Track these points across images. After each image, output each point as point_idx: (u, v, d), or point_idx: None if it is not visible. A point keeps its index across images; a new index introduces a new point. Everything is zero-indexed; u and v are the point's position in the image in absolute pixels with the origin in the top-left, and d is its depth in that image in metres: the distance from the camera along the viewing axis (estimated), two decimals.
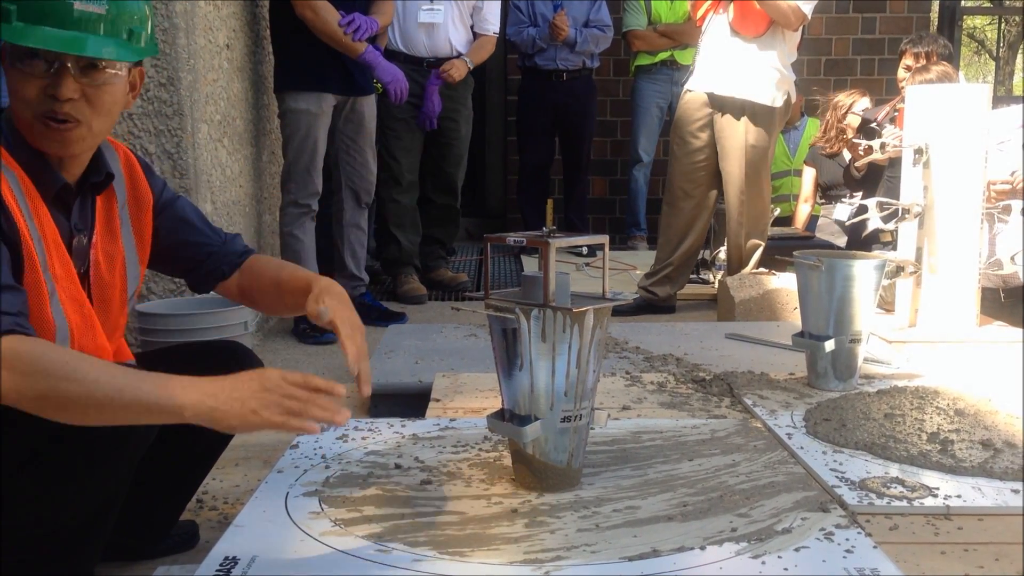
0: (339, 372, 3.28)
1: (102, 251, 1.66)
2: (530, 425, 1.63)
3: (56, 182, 1.57)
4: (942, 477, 1.79)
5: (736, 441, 2.01)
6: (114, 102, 1.58)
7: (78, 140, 1.55)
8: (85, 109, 1.53)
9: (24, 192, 1.51)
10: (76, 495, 1.50)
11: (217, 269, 1.83)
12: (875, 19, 6.79)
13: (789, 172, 5.72)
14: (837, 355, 2.40)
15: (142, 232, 1.76)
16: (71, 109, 1.51)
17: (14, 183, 1.49)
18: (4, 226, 1.44)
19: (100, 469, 1.50)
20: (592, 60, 5.72)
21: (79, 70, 1.51)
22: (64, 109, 1.50)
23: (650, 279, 4.18)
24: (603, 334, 1.67)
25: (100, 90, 1.54)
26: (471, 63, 4.49)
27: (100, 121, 1.56)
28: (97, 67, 1.52)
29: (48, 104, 1.50)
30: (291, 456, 1.88)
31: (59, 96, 1.49)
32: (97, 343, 1.61)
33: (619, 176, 6.65)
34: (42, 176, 1.55)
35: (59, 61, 1.49)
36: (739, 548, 1.47)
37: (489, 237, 1.72)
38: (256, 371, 1.38)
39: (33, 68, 1.50)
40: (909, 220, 3.16)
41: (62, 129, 1.52)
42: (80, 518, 1.53)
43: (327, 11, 3.62)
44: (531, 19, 5.55)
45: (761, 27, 3.82)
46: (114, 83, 1.56)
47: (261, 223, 3.98)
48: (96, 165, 1.64)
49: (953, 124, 3.09)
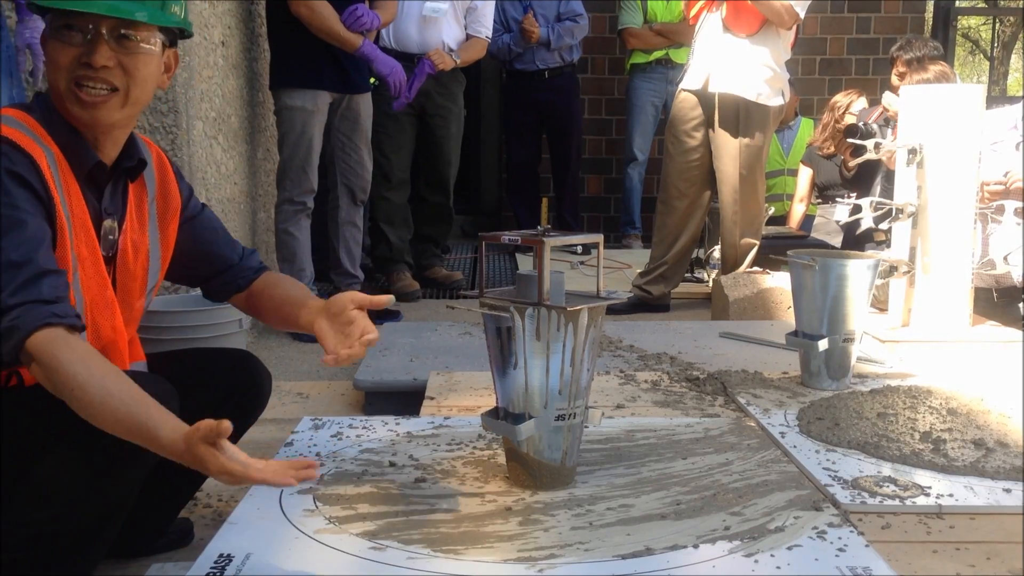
0: (333, 370, 3.28)
1: (130, 240, 1.67)
2: (524, 423, 1.64)
3: (90, 159, 1.58)
4: (934, 476, 1.79)
5: (730, 440, 2.01)
6: (149, 74, 1.59)
7: (114, 108, 1.56)
8: (121, 76, 1.54)
9: (59, 170, 1.52)
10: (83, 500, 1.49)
11: (234, 282, 1.87)
12: (870, 19, 6.80)
13: (783, 171, 5.73)
14: (831, 354, 2.40)
15: (167, 232, 1.77)
16: (107, 75, 1.53)
17: (51, 160, 1.51)
18: (46, 204, 1.46)
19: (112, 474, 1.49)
20: (571, 53, 5.68)
21: (114, 39, 1.53)
22: (100, 75, 1.52)
23: (644, 278, 4.19)
24: (597, 333, 1.67)
25: (135, 58, 1.55)
26: (459, 60, 4.47)
27: (136, 90, 1.57)
28: (131, 37, 1.54)
29: (83, 71, 1.52)
30: (285, 453, 1.89)
31: (93, 63, 1.51)
32: (114, 324, 1.61)
33: (614, 174, 6.66)
34: (76, 153, 1.56)
35: (94, 29, 1.51)
36: (732, 546, 1.47)
37: (484, 236, 1.72)
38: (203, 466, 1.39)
39: (70, 38, 1.52)
40: (903, 220, 3.17)
41: (97, 96, 1.54)
42: (86, 523, 1.52)
43: (323, 7, 3.61)
44: (504, 25, 5.54)
45: (755, 25, 3.82)
46: (148, 54, 1.57)
47: (256, 220, 3.98)
48: (129, 150, 1.65)
49: (947, 124, 3.10)
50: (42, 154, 1.49)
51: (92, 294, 1.57)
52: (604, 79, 6.61)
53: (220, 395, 1.77)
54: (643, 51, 5.83)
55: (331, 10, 3.63)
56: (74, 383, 1.37)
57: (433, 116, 4.51)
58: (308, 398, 2.86)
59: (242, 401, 1.81)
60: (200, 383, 1.76)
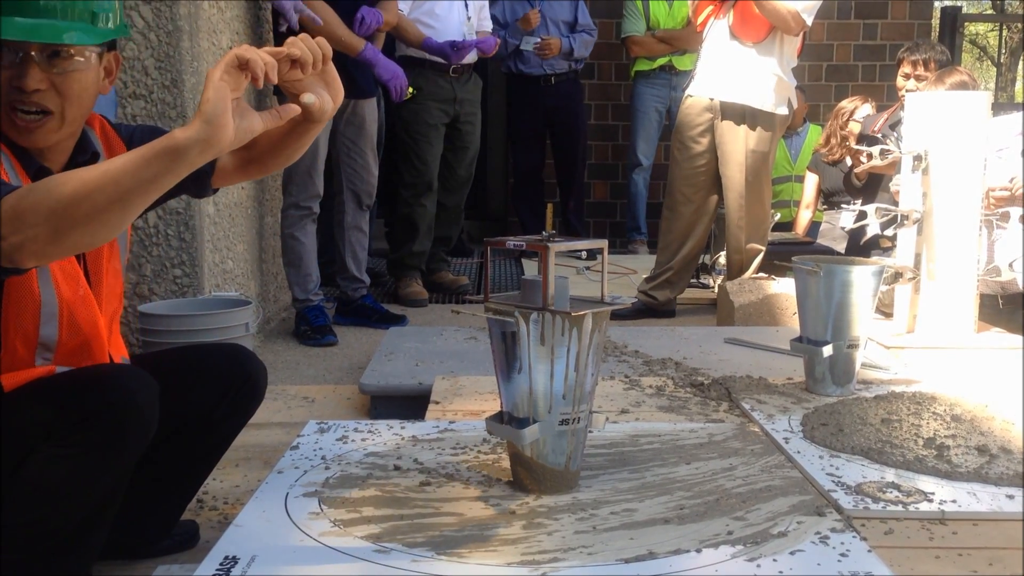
0: (339, 374, 3.30)
1: None
2: (528, 428, 1.64)
3: (31, 165, 1.54)
4: (938, 482, 1.80)
5: (733, 445, 2.02)
6: (84, 89, 1.53)
7: (51, 131, 1.53)
8: (55, 98, 1.50)
9: (16, 172, 1.51)
10: (73, 495, 1.50)
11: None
12: (876, 25, 6.80)
13: (790, 178, 5.74)
14: (835, 360, 2.41)
15: None
16: (40, 99, 1.49)
17: (6, 161, 1.50)
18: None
19: (97, 468, 1.50)
20: (578, 62, 5.74)
21: (44, 59, 1.48)
22: (32, 99, 1.48)
23: (650, 283, 4.19)
24: (602, 338, 1.68)
25: (68, 77, 1.50)
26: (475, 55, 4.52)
27: (72, 110, 1.53)
28: (63, 54, 1.49)
29: (16, 95, 1.48)
30: (291, 457, 1.89)
31: (24, 87, 1.47)
32: (93, 319, 1.61)
33: (620, 180, 6.66)
34: (23, 160, 1.53)
35: (23, 51, 1.46)
36: (735, 551, 1.48)
37: (489, 241, 1.73)
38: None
39: (1, 60, 1.47)
40: (908, 226, 3.17)
41: (32, 122, 1.50)
42: (78, 518, 1.53)
43: (324, 11, 3.63)
44: (505, 26, 5.58)
45: (762, 33, 3.83)
46: (83, 69, 1.52)
47: (263, 225, 4.00)
48: (82, 146, 1.61)
49: (952, 131, 3.10)
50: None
51: (66, 293, 1.56)
52: (610, 85, 6.62)
53: (217, 391, 1.78)
54: (647, 58, 5.85)
55: (333, 14, 3.64)
56: (52, 182, 1.27)
57: (465, 123, 4.59)
58: (314, 402, 2.87)
59: (238, 396, 1.81)
60: (196, 380, 1.77)
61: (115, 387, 1.49)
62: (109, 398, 1.47)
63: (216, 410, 1.78)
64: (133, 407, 1.48)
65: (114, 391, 1.48)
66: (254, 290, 3.83)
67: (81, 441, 1.45)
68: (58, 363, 1.59)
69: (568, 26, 5.65)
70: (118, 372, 1.57)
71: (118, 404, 1.47)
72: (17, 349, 1.55)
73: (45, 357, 1.57)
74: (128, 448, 1.51)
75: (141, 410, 1.49)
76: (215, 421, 1.79)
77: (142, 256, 3.13)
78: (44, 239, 1.27)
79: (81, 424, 1.45)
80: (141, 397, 1.50)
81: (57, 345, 1.58)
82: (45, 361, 1.58)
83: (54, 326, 1.56)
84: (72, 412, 1.46)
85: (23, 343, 1.55)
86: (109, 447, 1.48)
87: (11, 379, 1.53)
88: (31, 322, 1.54)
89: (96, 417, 1.46)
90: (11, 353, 1.54)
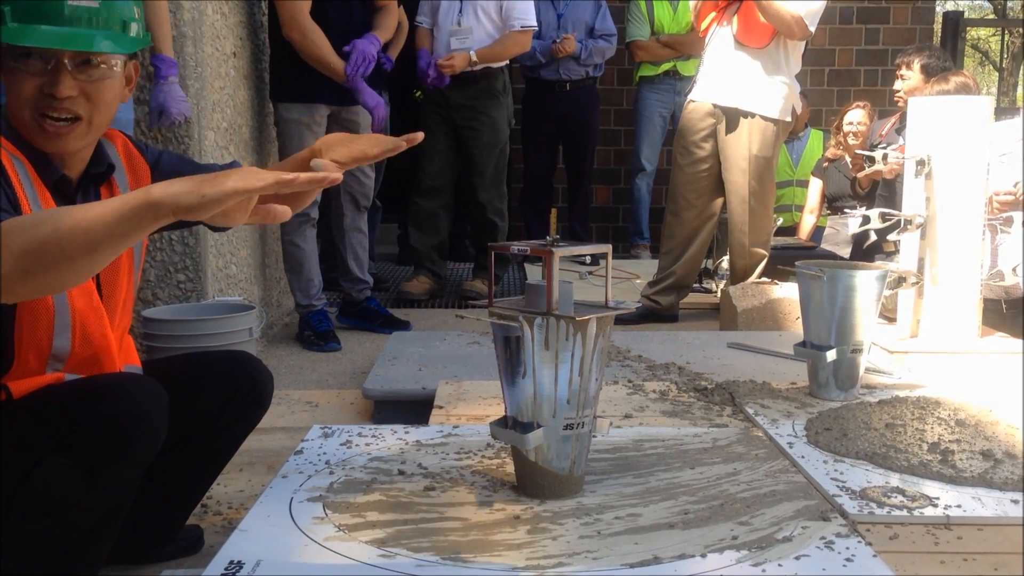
0: (343, 378, 3.30)
1: None
2: (533, 432, 1.65)
3: (54, 173, 1.57)
4: (942, 487, 1.80)
5: (737, 450, 2.02)
6: (113, 96, 1.58)
7: (79, 137, 1.56)
8: (84, 105, 1.53)
9: (32, 181, 1.52)
10: (81, 504, 1.50)
11: None
12: (878, 30, 6.81)
13: (792, 183, 5.75)
14: (839, 365, 2.41)
15: None
16: (71, 105, 1.52)
17: (22, 171, 1.51)
18: (17, 209, 1.44)
19: (106, 478, 1.50)
20: (596, 69, 5.73)
21: (75, 66, 1.51)
22: (64, 106, 1.51)
23: (653, 288, 4.20)
24: (606, 342, 1.68)
25: (98, 85, 1.54)
26: (475, 56, 4.48)
27: (100, 116, 1.57)
28: (93, 63, 1.53)
29: (47, 102, 1.51)
30: (295, 462, 1.90)
31: (57, 94, 1.50)
32: (104, 330, 1.61)
33: (623, 185, 6.67)
34: (42, 168, 1.55)
35: (55, 58, 1.50)
36: (740, 556, 1.48)
37: (493, 246, 1.74)
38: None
39: (29, 67, 1.50)
40: (911, 231, 3.17)
41: (62, 127, 1.53)
42: (85, 527, 1.53)
43: (315, 34, 3.62)
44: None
45: (765, 38, 3.84)
46: (111, 77, 1.56)
47: (266, 230, 4.00)
48: (97, 158, 1.64)
49: (955, 136, 3.11)
50: (10, 161, 1.49)
51: (79, 304, 1.57)
52: (613, 90, 6.63)
53: (224, 398, 1.77)
54: (651, 63, 5.85)
55: (323, 37, 3.63)
56: (30, 220, 1.24)
57: (465, 128, 4.60)
58: (318, 407, 2.87)
59: (245, 403, 1.81)
60: (204, 387, 1.77)
61: (124, 396, 1.49)
62: (118, 407, 1.47)
63: (222, 417, 1.78)
64: (142, 417, 1.48)
65: (123, 400, 1.48)
66: (257, 295, 3.83)
67: (90, 450, 1.45)
68: (68, 372, 1.59)
69: (587, 30, 5.64)
70: (127, 381, 1.57)
71: (127, 414, 1.47)
72: (30, 360, 1.55)
73: (56, 368, 1.58)
74: (137, 458, 1.50)
75: (150, 420, 1.49)
76: (221, 428, 1.79)
77: (146, 261, 3.13)
78: (15, 278, 1.24)
79: (90, 433, 1.45)
80: (150, 406, 1.50)
81: (69, 356, 1.58)
82: (55, 371, 1.58)
83: (67, 337, 1.56)
84: (81, 421, 1.45)
85: (36, 354, 1.55)
86: (118, 457, 1.47)
87: (20, 386, 1.53)
88: (45, 332, 1.54)
89: (105, 426, 1.45)
90: (23, 364, 1.54)
